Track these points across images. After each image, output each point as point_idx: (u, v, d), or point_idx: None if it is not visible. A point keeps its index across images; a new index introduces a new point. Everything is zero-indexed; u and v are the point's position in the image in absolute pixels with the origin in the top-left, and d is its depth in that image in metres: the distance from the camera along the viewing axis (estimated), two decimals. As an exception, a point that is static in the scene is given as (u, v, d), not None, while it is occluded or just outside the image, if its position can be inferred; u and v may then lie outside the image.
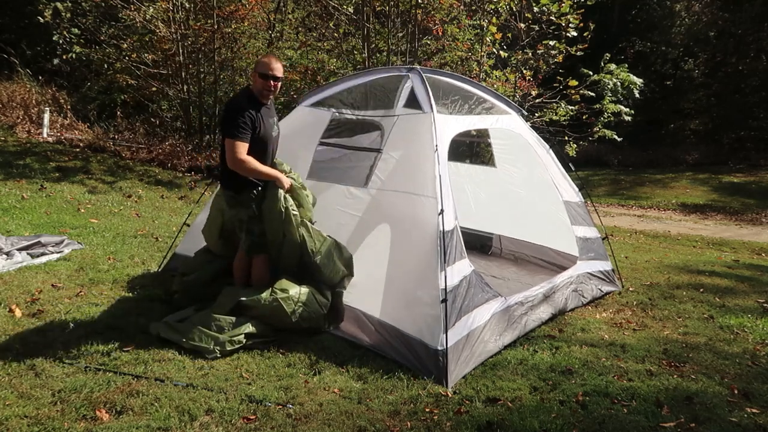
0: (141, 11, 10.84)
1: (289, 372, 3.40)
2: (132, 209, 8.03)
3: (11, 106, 11.59)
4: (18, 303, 4.11)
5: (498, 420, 3.00)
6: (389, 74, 4.77)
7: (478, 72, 10.43)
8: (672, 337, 4.39)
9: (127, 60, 11.37)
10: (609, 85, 10.69)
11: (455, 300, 3.63)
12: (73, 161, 9.91)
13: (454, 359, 3.46)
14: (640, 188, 17.14)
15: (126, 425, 2.74)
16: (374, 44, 11.07)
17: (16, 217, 6.63)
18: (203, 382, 3.21)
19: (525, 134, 5.26)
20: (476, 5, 10.47)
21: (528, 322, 4.25)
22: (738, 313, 5.04)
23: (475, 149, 10.70)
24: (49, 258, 5.18)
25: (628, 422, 3.05)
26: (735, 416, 3.16)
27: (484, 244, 6.37)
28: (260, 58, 4.05)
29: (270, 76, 3.84)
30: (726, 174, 18.08)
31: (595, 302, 5.13)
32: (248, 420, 2.87)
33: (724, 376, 3.71)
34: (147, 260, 5.46)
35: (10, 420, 2.71)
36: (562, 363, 3.75)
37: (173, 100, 12.11)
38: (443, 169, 3.88)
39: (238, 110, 3.76)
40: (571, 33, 10.13)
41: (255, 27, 12.10)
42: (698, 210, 14.63)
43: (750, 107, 20.42)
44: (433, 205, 3.78)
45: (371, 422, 2.92)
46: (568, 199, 5.36)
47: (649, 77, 19.93)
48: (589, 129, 10.99)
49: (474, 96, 4.86)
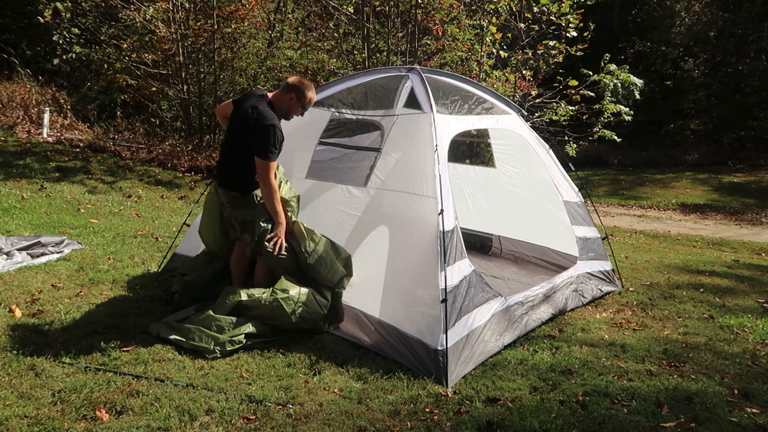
0: (141, 11, 10.85)
1: (289, 372, 3.40)
2: (132, 209, 8.04)
3: (11, 106, 11.59)
4: (18, 303, 4.11)
5: (498, 420, 3.00)
6: (389, 74, 4.76)
7: (478, 72, 10.43)
8: (672, 337, 4.39)
9: (127, 60, 11.37)
10: (609, 86, 10.69)
11: (455, 300, 3.63)
12: (73, 161, 9.91)
13: (454, 359, 3.46)
14: (640, 188, 17.14)
15: (126, 425, 2.74)
16: (374, 44, 11.07)
17: (16, 217, 6.63)
18: (203, 382, 3.21)
19: (525, 134, 5.26)
20: (476, 5, 10.47)
21: (528, 322, 4.25)
22: (738, 313, 5.04)
23: (475, 150, 10.70)
24: (49, 258, 5.18)
25: (628, 422, 3.05)
26: (735, 416, 3.17)
27: (484, 245, 6.37)
28: (303, 84, 3.93)
29: (306, 108, 3.97)
30: (726, 174, 18.09)
31: (595, 302, 5.13)
32: (248, 420, 2.87)
33: (724, 376, 3.71)
34: (147, 260, 5.46)
35: (10, 420, 2.71)
36: (562, 363, 3.75)
37: (173, 100, 12.11)
38: (443, 169, 3.88)
39: (275, 128, 3.73)
40: (571, 33, 10.13)
41: (255, 27, 12.10)
42: (698, 210, 14.63)
43: (750, 107, 20.42)
44: (433, 205, 3.78)
45: (371, 422, 2.92)
46: (568, 199, 5.36)
47: (649, 77, 19.94)
48: (589, 129, 10.99)
49: (474, 96, 4.86)
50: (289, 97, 3.90)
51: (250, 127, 3.77)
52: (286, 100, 3.91)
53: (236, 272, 4.20)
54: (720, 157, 19.96)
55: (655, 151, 20.85)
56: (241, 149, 3.84)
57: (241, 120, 3.85)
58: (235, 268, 4.21)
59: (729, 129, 21.03)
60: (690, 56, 23.14)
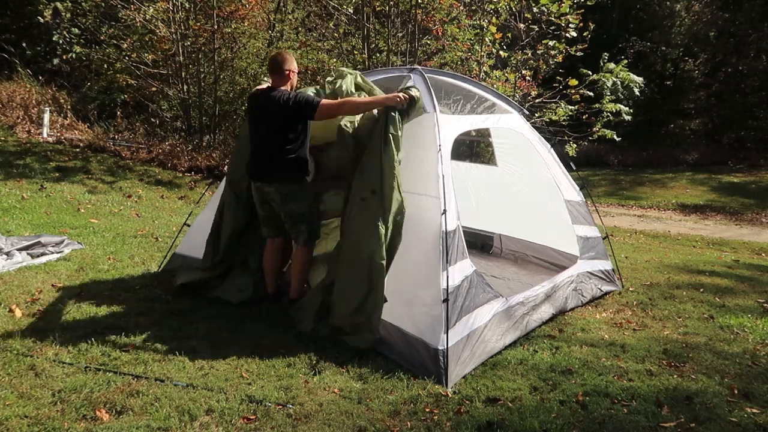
0: (141, 11, 10.84)
1: (289, 372, 3.40)
2: (132, 209, 8.04)
3: (11, 106, 11.58)
4: (18, 303, 4.11)
5: (498, 420, 3.00)
6: (391, 75, 4.77)
7: (478, 72, 10.42)
8: (672, 337, 4.39)
9: (127, 60, 11.36)
10: (608, 84, 10.69)
11: (456, 300, 3.63)
12: (73, 161, 9.91)
13: (454, 359, 3.46)
14: (639, 188, 17.14)
15: (126, 425, 2.74)
16: (374, 44, 11.07)
17: (16, 217, 6.63)
18: (203, 382, 3.21)
19: (526, 133, 5.26)
20: (476, 5, 10.46)
21: (529, 322, 4.25)
22: (738, 313, 5.04)
23: (475, 150, 10.69)
24: (49, 258, 5.18)
25: (628, 422, 3.05)
26: (735, 416, 3.17)
27: (485, 244, 6.37)
28: (284, 57, 4.18)
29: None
30: (726, 174, 18.09)
31: (595, 302, 5.13)
32: (248, 420, 2.87)
33: (724, 376, 3.71)
34: (147, 260, 5.46)
35: (10, 420, 2.71)
36: (562, 363, 3.75)
37: (173, 100, 12.10)
38: (446, 169, 3.89)
39: (294, 94, 3.98)
40: (570, 33, 10.12)
41: (255, 27, 12.10)
42: (698, 210, 14.63)
43: (750, 107, 20.42)
44: (436, 205, 3.78)
45: (371, 422, 2.92)
46: (570, 198, 5.36)
47: (649, 77, 19.92)
48: (588, 129, 10.99)
49: (476, 95, 4.86)
50: (288, 72, 4.09)
51: (279, 107, 3.94)
52: (287, 77, 4.09)
53: (269, 269, 4.35)
54: (720, 157, 19.95)
55: (655, 151, 20.85)
56: (277, 133, 3.98)
57: (267, 114, 4.03)
58: (268, 266, 4.34)
59: (729, 129, 21.02)
60: (690, 56, 23.14)
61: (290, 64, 4.09)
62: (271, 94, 3.99)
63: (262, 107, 4.05)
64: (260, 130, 4.09)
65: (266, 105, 4.01)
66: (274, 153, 4.00)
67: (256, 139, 4.12)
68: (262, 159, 4.08)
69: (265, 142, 4.07)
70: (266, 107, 4.02)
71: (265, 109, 4.03)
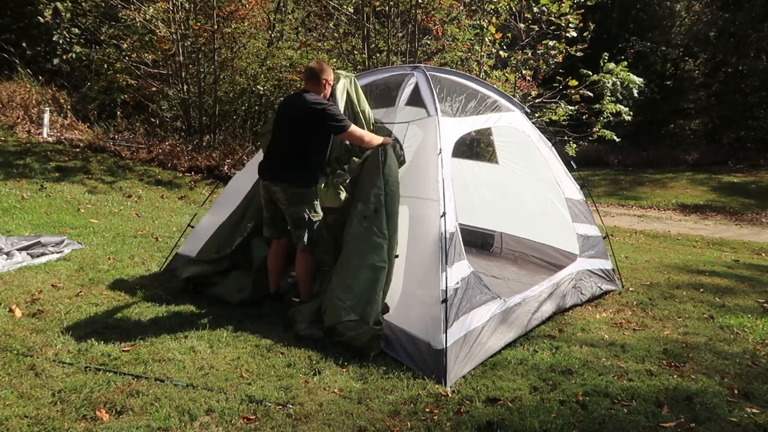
0: (141, 11, 10.83)
1: (289, 372, 3.40)
2: (132, 209, 8.04)
3: (11, 106, 11.58)
4: (18, 303, 4.10)
5: (498, 420, 3.00)
6: (394, 73, 4.77)
7: (478, 72, 10.41)
8: (672, 337, 4.39)
9: (127, 60, 11.36)
10: (608, 84, 10.68)
11: (453, 301, 3.63)
12: (73, 161, 9.91)
13: (452, 359, 3.46)
14: (639, 188, 17.15)
15: (126, 425, 2.74)
16: (374, 44, 11.07)
17: (16, 217, 6.63)
18: (203, 382, 3.21)
19: (528, 131, 5.26)
20: (476, 5, 10.46)
21: (528, 322, 4.25)
22: (738, 313, 5.04)
23: (476, 149, 10.68)
24: (49, 258, 5.18)
25: (628, 422, 3.05)
26: (735, 416, 3.17)
27: (486, 242, 6.37)
28: (322, 67, 4.19)
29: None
30: (726, 174, 18.09)
31: (595, 302, 5.13)
32: (248, 420, 2.87)
33: (724, 376, 3.71)
34: (147, 260, 5.46)
35: (10, 420, 2.71)
36: (562, 363, 3.75)
37: (173, 100, 12.09)
38: (446, 173, 3.91)
39: (328, 105, 3.97)
40: (570, 33, 10.12)
41: (255, 27, 12.09)
42: (698, 210, 14.64)
43: (750, 107, 20.42)
44: (435, 208, 3.80)
45: (371, 422, 2.92)
46: (570, 197, 5.36)
47: (649, 77, 19.93)
48: (588, 129, 10.99)
49: (479, 94, 4.86)
50: (324, 82, 4.10)
51: (306, 119, 3.95)
52: (323, 87, 4.10)
53: (273, 269, 4.35)
54: (720, 157, 19.95)
55: (655, 151, 20.85)
56: (299, 142, 4.00)
57: (291, 116, 4.04)
58: (271, 265, 4.35)
59: (729, 129, 21.02)
60: (690, 56, 23.14)
61: (327, 74, 4.10)
62: (304, 95, 4.02)
63: (291, 106, 4.10)
64: (283, 129, 4.11)
65: (295, 104, 4.05)
66: (289, 154, 4.02)
67: (276, 138, 4.16)
68: (275, 158, 4.11)
69: (283, 141, 4.09)
70: (295, 106, 4.05)
71: (292, 109, 4.07)
